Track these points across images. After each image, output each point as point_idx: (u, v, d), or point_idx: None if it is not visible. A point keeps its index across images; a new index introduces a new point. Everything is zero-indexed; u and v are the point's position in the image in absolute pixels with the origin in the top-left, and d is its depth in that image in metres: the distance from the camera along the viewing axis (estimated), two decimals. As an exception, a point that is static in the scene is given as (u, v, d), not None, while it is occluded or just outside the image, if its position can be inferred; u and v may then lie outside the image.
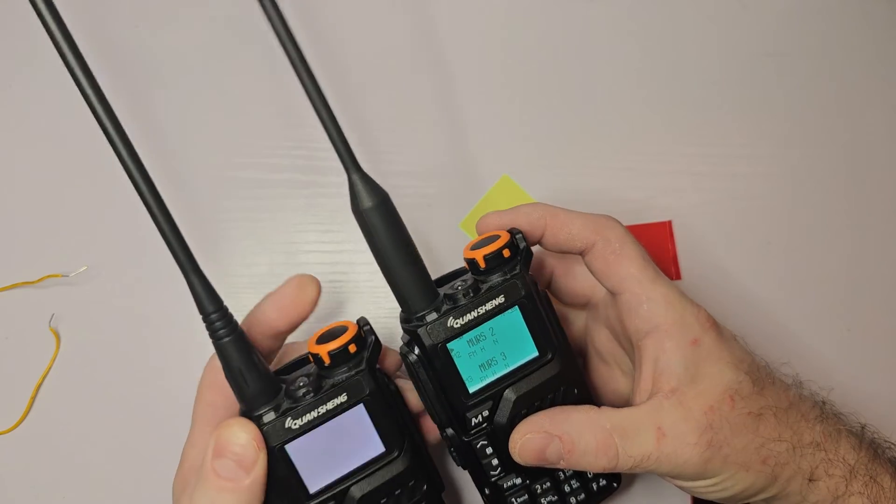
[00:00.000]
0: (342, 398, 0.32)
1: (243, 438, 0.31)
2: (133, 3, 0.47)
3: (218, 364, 0.34)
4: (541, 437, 0.34)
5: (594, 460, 0.33)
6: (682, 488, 0.36)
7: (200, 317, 0.31)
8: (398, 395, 0.35)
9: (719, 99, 0.48)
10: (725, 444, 0.33)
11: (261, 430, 0.32)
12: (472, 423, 0.35)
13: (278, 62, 0.43)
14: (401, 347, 0.35)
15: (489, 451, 0.36)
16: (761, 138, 0.47)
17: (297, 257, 0.46)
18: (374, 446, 0.34)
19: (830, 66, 0.48)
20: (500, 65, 0.47)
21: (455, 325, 0.34)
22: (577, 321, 0.42)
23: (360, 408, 0.33)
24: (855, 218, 0.47)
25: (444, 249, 0.44)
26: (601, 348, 0.40)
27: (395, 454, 0.34)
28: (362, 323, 0.35)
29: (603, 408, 0.35)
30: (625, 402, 0.40)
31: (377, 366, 0.34)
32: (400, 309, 0.35)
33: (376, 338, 0.34)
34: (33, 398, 0.45)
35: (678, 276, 0.46)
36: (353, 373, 0.33)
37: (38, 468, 0.44)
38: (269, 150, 0.46)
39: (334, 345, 0.33)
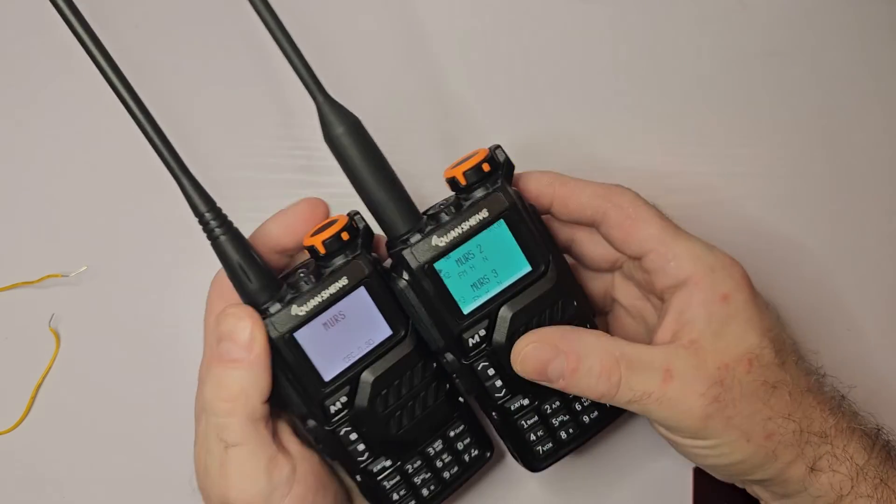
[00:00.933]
0: (343, 281, 0.33)
1: (242, 321, 0.32)
2: (132, 3, 0.47)
3: (223, 275, 0.34)
4: (548, 349, 0.33)
5: (594, 384, 0.33)
6: (678, 447, 0.35)
7: (196, 219, 0.33)
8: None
9: (719, 98, 0.47)
10: (731, 405, 0.32)
11: (268, 319, 0.33)
12: (470, 345, 0.35)
13: (277, 61, 0.42)
14: (389, 273, 0.35)
15: (491, 372, 0.35)
16: (761, 138, 0.47)
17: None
18: (381, 330, 0.34)
19: (831, 65, 0.48)
20: (500, 65, 0.47)
21: (440, 244, 0.33)
22: (601, 282, 0.40)
23: (362, 290, 0.34)
24: (855, 217, 0.47)
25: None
26: (629, 305, 0.39)
27: (402, 335, 0.35)
28: (352, 213, 0.35)
29: (616, 337, 0.34)
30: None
31: (373, 253, 0.35)
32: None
33: (367, 224, 0.35)
34: (33, 398, 0.45)
35: (678, 276, 0.46)
36: (350, 258, 0.33)
37: (38, 468, 0.44)
38: (269, 150, 0.46)
39: (327, 234, 0.33)
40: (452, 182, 0.34)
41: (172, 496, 0.38)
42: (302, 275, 0.33)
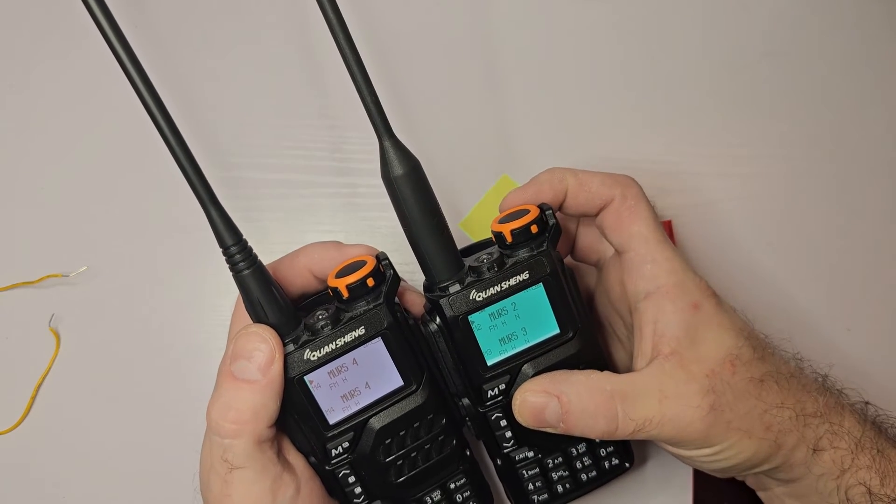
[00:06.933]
0: (360, 331, 0.33)
1: (264, 342, 0.32)
2: (132, 3, 0.47)
3: None
4: (540, 396, 0.34)
5: (593, 422, 0.33)
6: (684, 460, 0.36)
7: (220, 250, 0.32)
8: (418, 330, 0.35)
9: (719, 99, 0.47)
10: (728, 408, 0.33)
11: None
12: (489, 395, 0.35)
13: (279, 59, 0.43)
14: (422, 315, 0.35)
15: (503, 423, 0.36)
16: (761, 138, 0.47)
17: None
18: (393, 380, 0.34)
19: (830, 65, 0.48)
20: (500, 66, 0.47)
21: (478, 299, 0.34)
22: (588, 278, 0.41)
23: (378, 341, 0.33)
24: (855, 217, 0.47)
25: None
26: (600, 311, 0.40)
27: (414, 388, 0.34)
28: (381, 257, 0.35)
29: (605, 372, 0.35)
30: (618, 368, 0.40)
31: (396, 300, 0.35)
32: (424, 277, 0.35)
33: (395, 272, 0.34)
34: (33, 398, 0.45)
35: (678, 276, 0.46)
36: (371, 306, 0.33)
37: (39, 468, 0.44)
38: (269, 150, 0.46)
39: (352, 278, 0.33)
40: (499, 237, 0.35)
41: (172, 496, 0.38)
42: (321, 317, 0.33)
